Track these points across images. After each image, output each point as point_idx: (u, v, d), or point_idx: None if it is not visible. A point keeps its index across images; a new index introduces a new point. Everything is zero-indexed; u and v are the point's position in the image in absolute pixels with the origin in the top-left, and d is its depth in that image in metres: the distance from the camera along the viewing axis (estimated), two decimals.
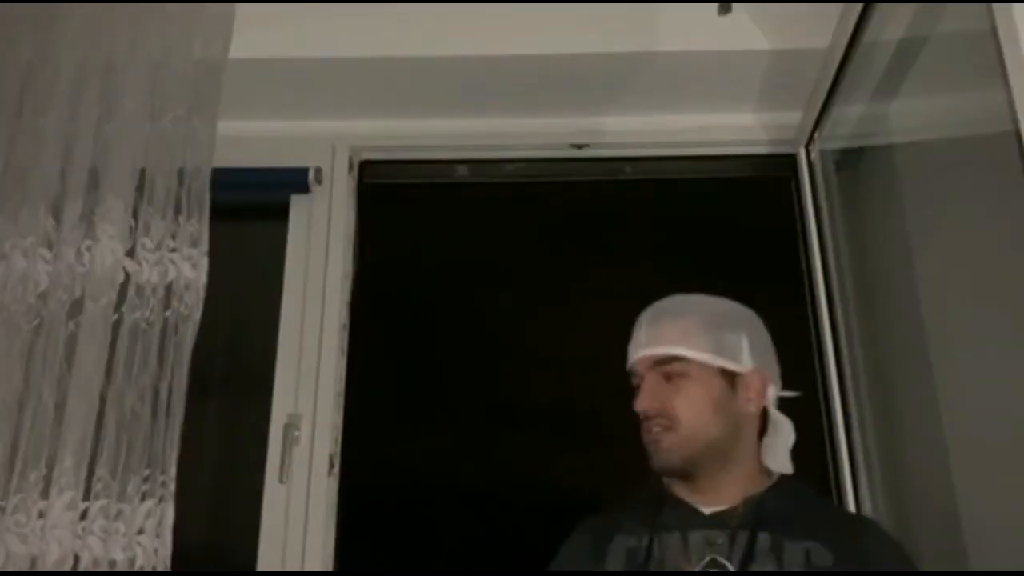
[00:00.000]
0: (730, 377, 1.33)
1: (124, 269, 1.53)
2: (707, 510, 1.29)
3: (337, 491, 1.79)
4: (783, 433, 1.37)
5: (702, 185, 2.10)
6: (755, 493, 1.30)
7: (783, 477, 1.35)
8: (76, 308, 1.50)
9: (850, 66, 1.68)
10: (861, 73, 1.68)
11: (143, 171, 1.59)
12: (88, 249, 1.54)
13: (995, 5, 1.11)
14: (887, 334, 1.71)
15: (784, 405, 1.39)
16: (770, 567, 1.21)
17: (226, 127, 1.66)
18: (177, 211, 1.58)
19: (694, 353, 1.33)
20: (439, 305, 2.04)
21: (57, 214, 1.56)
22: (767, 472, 1.34)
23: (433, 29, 1.87)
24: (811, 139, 1.92)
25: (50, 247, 1.55)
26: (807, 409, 1.82)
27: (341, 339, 1.89)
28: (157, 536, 1.40)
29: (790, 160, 1.99)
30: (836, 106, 1.79)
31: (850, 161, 1.86)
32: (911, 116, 1.64)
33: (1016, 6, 1.06)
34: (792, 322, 1.89)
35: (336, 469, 1.80)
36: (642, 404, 1.32)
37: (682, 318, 1.37)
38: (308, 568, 1.70)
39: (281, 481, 1.75)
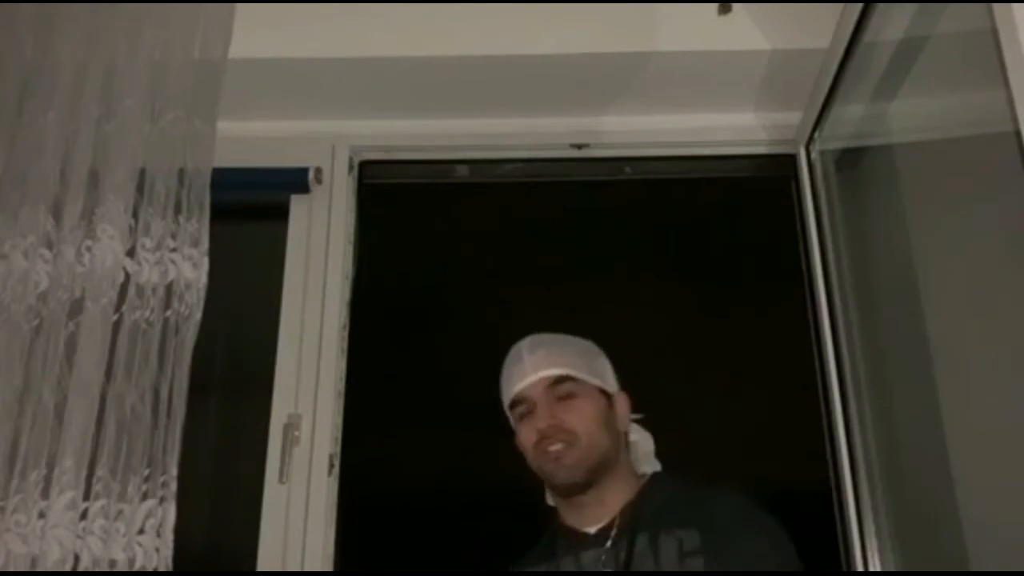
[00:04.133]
0: (607, 397, 1.46)
1: (124, 269, 1.53)
2: (592, 529, 1.38)
3: (337, 491, 1.79)
4: (644, 441, 1.50)
5: (702, 185, 2.10)
6: (629, 500, 1.39)
7: (654, 476, 1.46)
8: (76, 308, 1.50)
9: (850, 66, 1.68)
10: (861, 73, 1.68)
11: (143, 171, 1.59)
12: (88, 249, 1.53)
13: (995, 5, 1.11)
14: (887, 334, 1.71)
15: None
16: (648, 564, 1.29)
17: (226, 127, 1.66)
18: (177, 211, 1.58)
19: (580, 374, 1.44)
20: (439, 305, 2.04)
21: (57, 214, 1.56)
22: (638, 477, 1.45)
23: (433, 29, 1.87)
24: (811, 139, 1.92)
25: (50, 247, 1.55)
26: (807, 409, 1.83)
27: (341, 339, 1.89)
28: (158, 536, 1.40)
29: (790, 160, 1.99)
30: (836, 106, 1.79)
31: (850, 161, 1.86)
32: (911, 116, 1.64)
33: (1016, 6, 1.06)
34: (792, 322, 1.90)
35: (336, 469, 1.80)
36: (543, 422, 1.40)
37: (558, 346, 1.48)
38: (308, 568, 1.70)
39: (281, 481, 1.75)
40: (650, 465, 1.49)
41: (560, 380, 1.43)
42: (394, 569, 1.81)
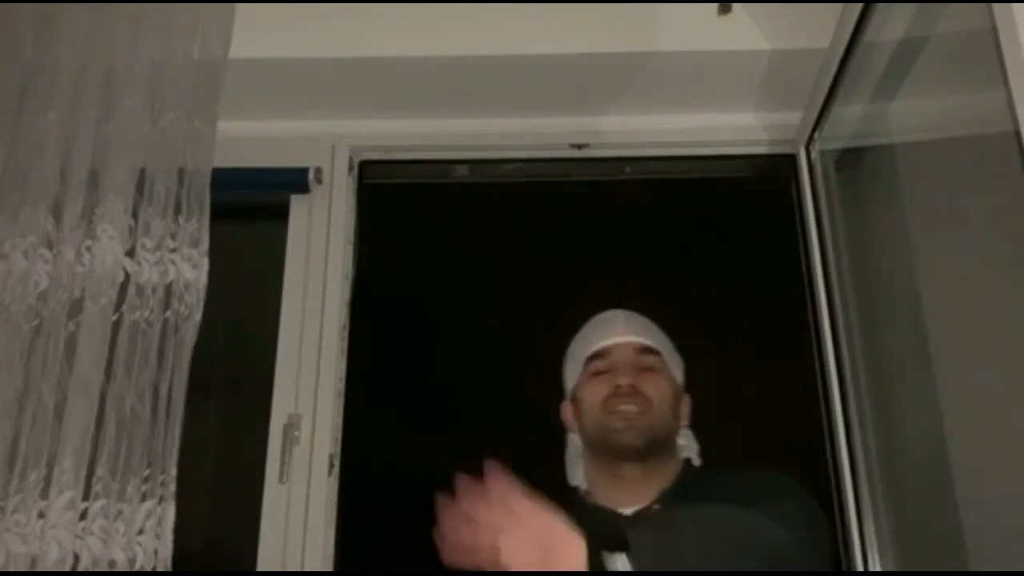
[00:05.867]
0: (678, 388, 1.50)
1: (124, 269, 1.53)
2: (628, 510, 1.38)
3: (337, 491, 1.79)
4: (689, 445, 1.51)
5: (702, 185, 2.10)
6: (669, 486, 1.40)
7: (687, 464, 1.47)
8: (76, 308, 1.50)
9: (850, 66, 1.68)
10: (861, 73, 1.68)
11: (143, 171, 1.59)
12: (88, 249, 1.53)
13: (995, 5, 1.10)
14: (887, 334, 1.71)
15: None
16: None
17: (226, 127, 1.66)
18: (177, 211, 1.58)
19: (666, 355, 1.50)
20: (439, 305, 2.04)
21: (57, 214, 1.56)
22: (679, 467, 1.46)
23: (433, 29, 1.87)
24: (811, 139, 1.92)
25: (50, 247, 1.55)
26: (807, 409, 1.83)
27: (341, 339, 1.89)
28: (157, 536, 1.40)
29: (790, 160, 1.99)
30: (836, 106, 1.79)
31: (850, 161, 1.86)
32: (911, 116, 1.64)
33: (1016, 6, 1.06)
34: (792, 322, 1.90)
35: (336, 469, 1.80)
36: (624, 379, 1.42)
37: (653, 326, 1.52)
38: (308, 568, 1.70)
39: (281, 481, 1.75)
40: (693, 452, 1.50)
41: (649, 351, 1.47)
42: (394, 569, 1.81)
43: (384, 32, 1.87)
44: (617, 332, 1.49)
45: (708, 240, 2.04)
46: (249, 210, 2.02)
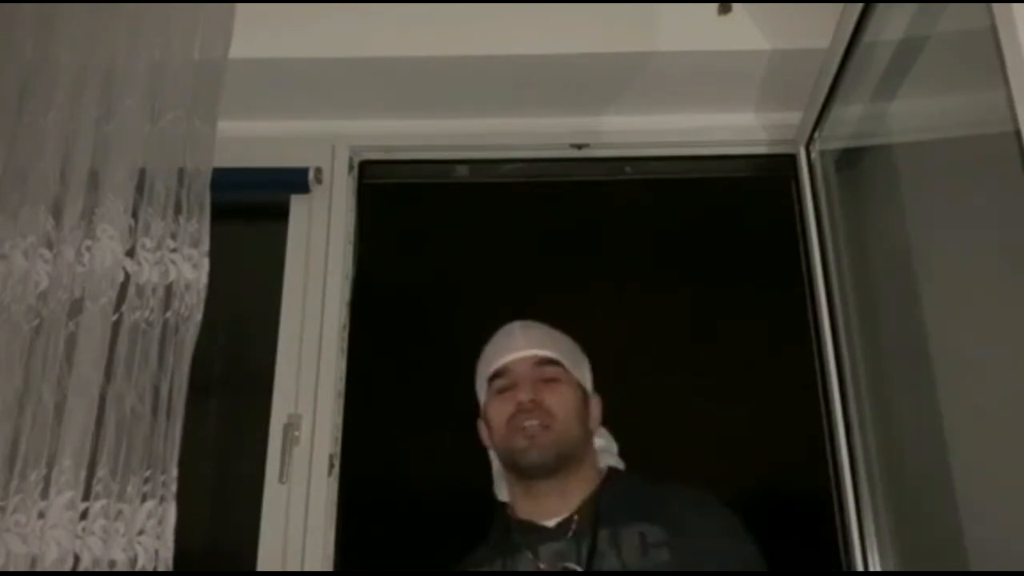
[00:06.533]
0: (583, 394, 1.47)
1: (124, 269, 1.53)
2: (550, 523, 1.37)
3: (337, 491, 1.79)
4: (608, 443, 1.50)
5: (702, 185, 2.10)
6: (589, 494, 1.39)
7: (611, 471, 1.46)
8: (76, 308, 1.50)
9: (850, 66, 1.68)
10: (861, 73, 1.68)
11: (143, 171, 1.59)
12: (88, 249, 1.53)
13: (995, 5, 1.10)
14: (887, 334, 1.71)
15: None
16: (612, 558, 1.29)
17: (226, 127, 1.66)
18: (177, 211, 1.58)
19: (567, 363, 1.47)
20: (439, 305, 2.03)
21: (57, 214, 1.56)
22: (598, 472, 1.45)
23: (433, 29, 1.87)
24: (811, 139, 1.92)
25: (50, 247, 1.55)
26: (807, 409, 1.83)
27: (341, 339, 1.89)
28: (158, 537, 1.40)
29: (790, 160, 1.99)
30: (836, 106, 1.79)
31: (850, 161, 1.86)
32: (911, 116, 1.64)
33: (1016, 6, 1.06)
34: (792, 322, 1.90)
35: (336, 469, 1.80)
36: (525, 395, 1.41)
37: (550, 333, 1.51)
38: (308, 568, 1.70)
39: (281, 481, 1.75)
40: (612, 460, 1.49)
41: (548, 362, 1.45)
42: (394, 569, 1.81)
43: (384, 32, 1.87)
44: (515, 347, 1.47)
45: (708, 240, 2.04)
46: (249, 210, 2.03)
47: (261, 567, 1.71)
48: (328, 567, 1.75)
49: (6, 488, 1.40)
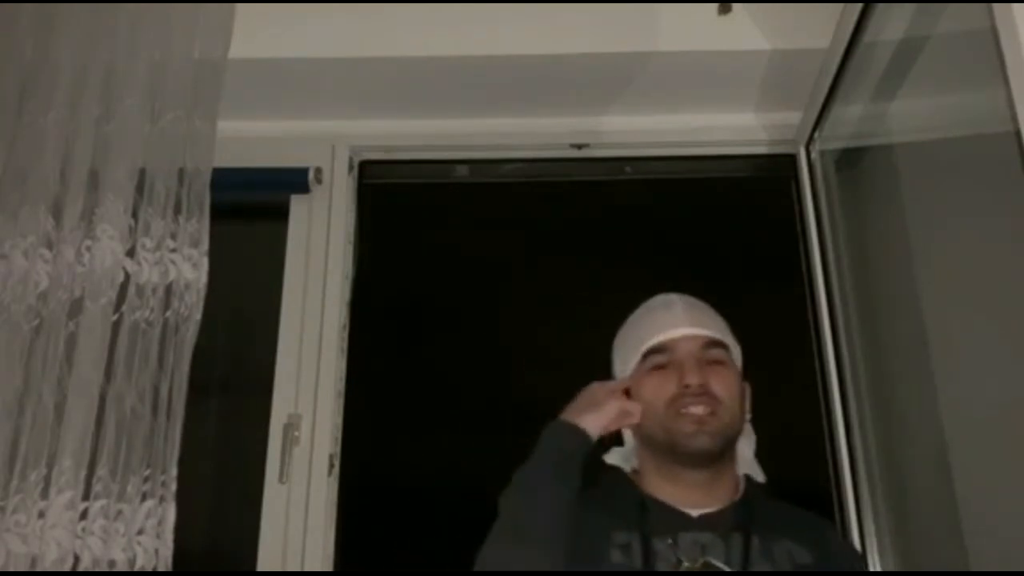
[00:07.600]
0: (742, 381, 1.37)
1: (124, 269, 1.53)
2: (694, 512, 1.28)
3: (337, 491, 1.80)
4: (752, 443, 1.40)
5: (702, 185, 2.10)
6: (739, 495, 1.32)
7: (751, 482, 1.36)
8: (76, 308, 1.50)
9: (850, 66, 1.68)
10: (861, 73, 1.68)
11: (143, 171, 1.59)
12: (88, 249, 1.53)
13: (995, 5, 1.10)
14: (887, 334, 1.71)
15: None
16: (764, 567, 1.21)
17: (226, 127, 1.66)
18: (177, 211, 1.58)
19: (732, 346, 1.38)
20: (439, 305, 2.04)
21: (57, 214, 1.56)
22: (736, 473, 1.36)
23: (433, 29, 1.87)
24: (811, 139, 1.92)
25: (50, 247, 1.55)
26: (807, 409, 1.83)
27: (341, 339, 1.89)
28: (157, 536, 1.40)
29: (790, 160, 1.99)
30: (836, 106, 1.79)
31: (850, 161, 1.86)
32: (911, 116, 1.64)
33: (1016, 6, 1.06)
34: (792, 322, 1.89)
35: (336, 469, 1.80)
36: (694, 379, 1.30)
37: (711, 312, 1.40)
38: (308, 568, 1.70)
39: (281, 481, 1.75)
40: (754, 469, 1.39)
41: (715, 344, 1.35)
42: (394, 569, 1.81)
43: (384, 32, 1.87)
44: (678, 323, 1.35)
45: (708, 240, 2.04)
46: (249, 210, 2.03)
47: (261, 567, 1.71)
48: (328, 567, 1.75)
49: (6, 488, 1.40)
